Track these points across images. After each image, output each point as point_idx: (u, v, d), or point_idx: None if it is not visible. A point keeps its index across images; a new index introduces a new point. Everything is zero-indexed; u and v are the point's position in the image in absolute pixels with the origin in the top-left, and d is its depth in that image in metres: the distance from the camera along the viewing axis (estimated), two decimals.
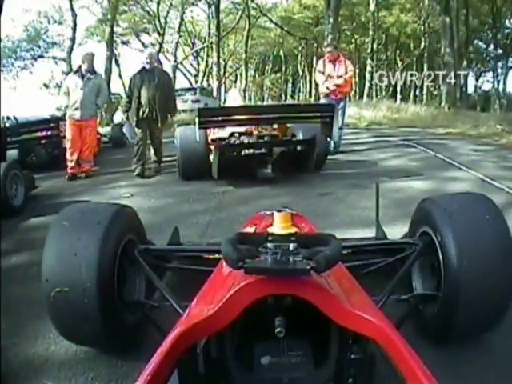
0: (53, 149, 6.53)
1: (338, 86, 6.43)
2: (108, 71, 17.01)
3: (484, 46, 29.47)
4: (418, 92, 28.69)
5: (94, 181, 5.59)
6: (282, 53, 35.34)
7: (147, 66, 5.68)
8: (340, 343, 1.10)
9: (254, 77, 39.47)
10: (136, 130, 5.78)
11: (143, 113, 5.54)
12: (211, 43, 23.47)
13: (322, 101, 6.71)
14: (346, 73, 6.46)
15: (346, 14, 25.18)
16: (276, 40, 32.76)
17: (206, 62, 28.42)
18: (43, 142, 6.53)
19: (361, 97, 24.17)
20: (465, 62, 21.67)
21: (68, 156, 5.79)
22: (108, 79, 16.72)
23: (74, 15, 18.55)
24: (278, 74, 39.12)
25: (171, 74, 24.00)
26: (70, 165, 5.76)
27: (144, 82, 5.57)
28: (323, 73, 6.58)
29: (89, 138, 5.87)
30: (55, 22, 22.09)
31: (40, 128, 6.47)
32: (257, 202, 4.12)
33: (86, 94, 5.64)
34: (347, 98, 6.94)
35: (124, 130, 7.08)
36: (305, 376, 1.10)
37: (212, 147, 5.02)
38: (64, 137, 6.65)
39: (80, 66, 5.80)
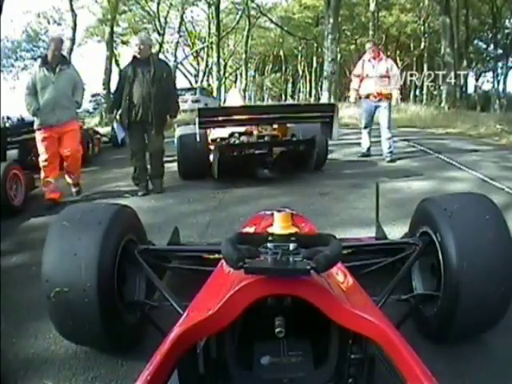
0: None
1: (379, 93, 6.09)
2: (108, 71, 17.00)
3: (484, 46, 29.51)
4: (418, 92, 28.67)
5: (93, 181, 5.58)
6: (282, 53, 35.34)
7: (139, 56, 4.52)
8: (340, 343, 1.10)
9: (254, 77, 39.47)
10: (130, 137, 4.77)
11: (136, 114, 4.47)
12: (211, 43, 23.49)
13: (363, 103, 6.39)
14: (388, 76, 6.04)
15: (346, 13, 25.17)
16: (276, 40, 32.76)
17: (206, 62, 28.43)
18: None
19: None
20: (465, 62, 21.69)
21: (43, 176, 4.43)
22: (108, 79, 16.71)
23: (74, 15, 18.55)
24: (278, 74, 39.13)
25: None
26: (46, 189, 4.43)
27: (136, 76, 4.46)
28: (359, 76, 6.31)
29: (71, 146, 4.47)
30: (55, 22, 22.14)
31: None
32: (257, 201, 4.12)
33: (61, 90, 4.30)
34: (390, 100, 6.18)
35: (115, 127, 5.93)
36: (305, 376, 1.10)
37: (212, 147, 5.02)
38: None
39: (46, 56, 4.41)
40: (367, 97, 6.28)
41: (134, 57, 4.58)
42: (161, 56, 22.64)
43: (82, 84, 4.65)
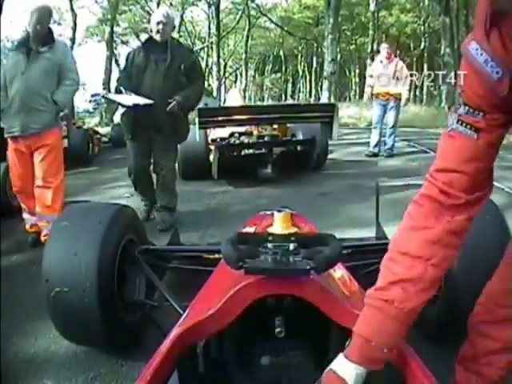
0: None
1: (387, 93, 6.28)
2: (108, 71, 16.99)
3: None
4: (418, 92, 28.69)
5: (93, 181, 5.58)
6: (282, 53, 35.37)
7: (158, 37, 3.26)
8: (340, 343, 1.10)
9: (254, 77, 39.50)
10: (129, 148, 3.49)
11: (142, 118, 3.24)
12: (211, 43, 23.49)
13: (374, 103, 6.56)
14: (395, 77, 6.16)
15: (346, 13, 25.20)
16: (276, 40, 32.81)
17: (206, 61, 28.45)
18: None
19: (361, 97, 24.16)
20: None
21: (23, 206, 3.27)
22: (108, 79, 16.69)
23: (74, 15, 18.58)
24: (278, 74, 39.17)
25: None
26: (27, 217, 3.27)
27: (149, 64, 3.26)
28: (371, 76, 6.49)
29: (46, 174, 3.02)
30: (55, 22, 22.13)
31: None
32: (257, 202, 4.12)
33: (33, 83, 2.94)
34: (399, 101, 6.37)
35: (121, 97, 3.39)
36: (305, 376, 1.10)
37: (212, 147, 5.02)
38: (64, 136, 6.60)
39: (27, 35, 3.01)
40: (377, 96, 6.45)
41: (149, 38, 3.39)
42: None
43: (74, 75, 3.14)
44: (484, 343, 1.21)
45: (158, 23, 3.22)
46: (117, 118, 12.52)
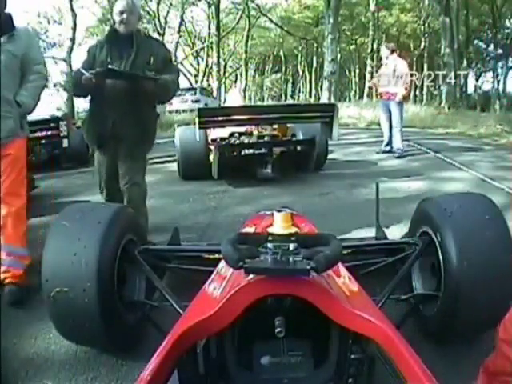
0: (53, 149, 6.54)
1: (387, 92, 6.38)
2: None
3: (484, 45, 29.53)
4: (417, 92, 28.68)
5: (93, 181, 5.57)
6: (282, 53, 35.38)
7: (121, 29, 2.75)
8: (340, 343, 1.10)
9: (254, 77, 39.49)
10: (98, 162, 2.96)
11: (106, 123, 2.70)
12: (211, 43, 23.50)
13: (381, 102, 6.75)
14: (395, 75, 6.21)
15: (346, 13, 25.21)
16: (276, 40, 32.82)
17: (206, 61, 28.45)
18: (43, 141, 6.52)
19: (361, 97, 24.20)
20: (465, 62, 21.71)
21: None
22: None
23: (74, 15, 18.55)
24: (278, 74, 39.19)
25: None
26: None
27: (113, 60, 2.71)
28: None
29: (6, 185, 2.32)
30: (55, 22, 22.17)
31: (40, 128, 6.46)
32: (257, 201, 4.12)
33: None
34: (399, 100, 6.35)
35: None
36: (305, 376, 1.10)
37: (212, 147, 5.02)
38: (64, 136, 6.63)
39: None
40: (380, 96, 6.60)
41: (113, 31, 2.83)
42: None
43: (41, 67, 2.51)
44: (502, 362, 1.20)
45: (122, 12, 2.72)
46: None
